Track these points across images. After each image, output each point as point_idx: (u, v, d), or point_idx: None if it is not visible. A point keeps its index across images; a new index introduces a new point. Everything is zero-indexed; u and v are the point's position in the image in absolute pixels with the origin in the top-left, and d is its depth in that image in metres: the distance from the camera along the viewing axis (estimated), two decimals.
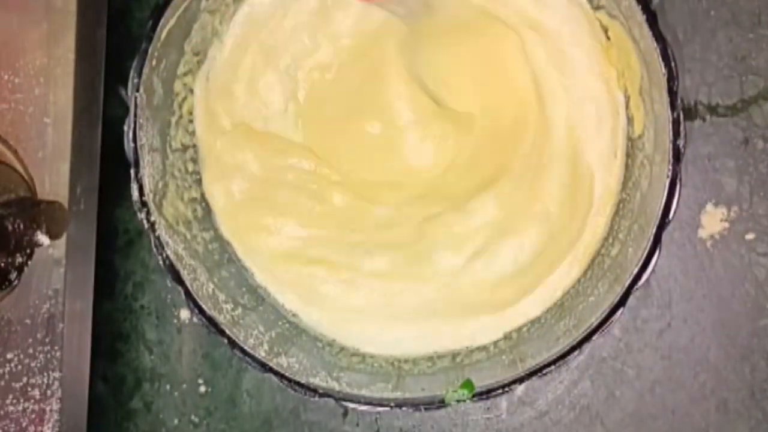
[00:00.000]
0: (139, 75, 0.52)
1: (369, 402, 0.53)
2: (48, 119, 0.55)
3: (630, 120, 0.55)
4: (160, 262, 0.52)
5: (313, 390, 0.53)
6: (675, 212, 0.49)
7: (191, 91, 0.57)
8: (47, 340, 0.55)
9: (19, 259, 0.54)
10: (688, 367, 0.60)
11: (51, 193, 0.55)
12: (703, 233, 0.59)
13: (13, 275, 0.54)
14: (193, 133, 0.57)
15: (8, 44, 0.55)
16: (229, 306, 0.55)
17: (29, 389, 0.55)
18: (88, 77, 0.57)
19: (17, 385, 0.55)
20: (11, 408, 0.55)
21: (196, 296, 0.53)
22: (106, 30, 0.59)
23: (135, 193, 0.52)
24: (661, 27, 0.49)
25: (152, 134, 0.54)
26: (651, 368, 0.60)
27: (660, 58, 0.49)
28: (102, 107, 0.59)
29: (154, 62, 0.52)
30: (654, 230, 0.50)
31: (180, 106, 0.56)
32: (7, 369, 0.55)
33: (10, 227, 0.52)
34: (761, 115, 0.59)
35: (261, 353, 0.53)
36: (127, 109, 0.52)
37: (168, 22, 0.52)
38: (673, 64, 0.49)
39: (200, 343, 0.62)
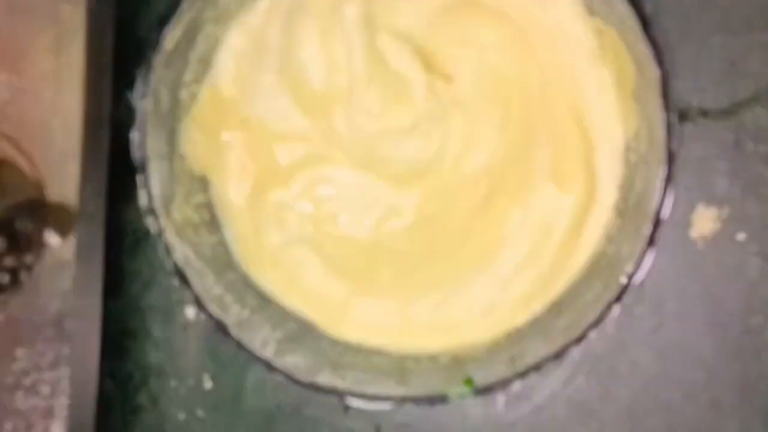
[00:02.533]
0: (146, 84, 0.53)
1: (373, 398, 0.54)
2: (57, 122, 0.55)
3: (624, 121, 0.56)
4: (168, 267, 0.53)
5: (318, 388, 0.54)
6: (669, 212, 0.50)
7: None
8: (56, 337, 0.55)
9: (28, 260, 0.54)
10: (682, 364, 0.60)
11: (60, 194, 0.55)
12: (694, 233, 0.59)
13: (23, 275, 0.54)
14: None
15: (18, 48, 0.55)
16: (236, 307, 0.56)
17: (39, 386, 0.55)
18: (97, 81, 0.57)
19: (27, 382, 0.55)
20: (21, 404, 0.55)
21: (204, 299, 0.54)
22: (114, 32, 0.59)
23: (143, 200, 0.53)
24: (654, 31, 0.50)
25: (159, 142, 0.55)
26: (645, 365, 0.60)
27: (653, 62, 0.50)
28: (110, 110, 0.59)
29: (160, 72, 0.53)
30: (648, 230, 0.51)
31: (186, 114, 0.57)
32: (18, 366, 0.55)
33: (20, 228, 0.53)
34: (752, 119, 0.59)
35: (268, 353, 0.54)
36: (134, 112, 0.53)
37: (173, 33, 0.53)
38: (665, 68, 0.50)
39: (206, 340, 0.62)
